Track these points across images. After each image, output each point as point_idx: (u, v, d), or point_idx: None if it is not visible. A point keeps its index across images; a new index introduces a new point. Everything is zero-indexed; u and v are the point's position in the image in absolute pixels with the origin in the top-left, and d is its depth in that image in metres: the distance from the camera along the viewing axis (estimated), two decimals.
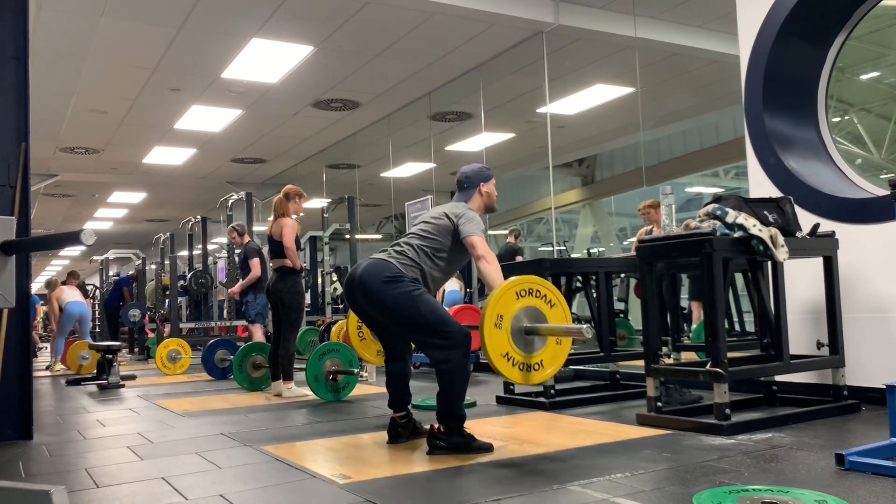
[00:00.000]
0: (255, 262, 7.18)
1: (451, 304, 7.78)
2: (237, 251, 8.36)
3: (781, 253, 3.62)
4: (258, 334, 7.16)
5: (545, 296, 3.12)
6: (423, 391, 5.48)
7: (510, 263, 5.33)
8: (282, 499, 2.59)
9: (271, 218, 5.85)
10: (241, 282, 7.26)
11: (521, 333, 3.03)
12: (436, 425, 3.26)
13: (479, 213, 3.52)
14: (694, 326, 6.41)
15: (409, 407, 3.60)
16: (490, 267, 3.22)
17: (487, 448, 3.23)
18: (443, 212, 3.46)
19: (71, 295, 9.70)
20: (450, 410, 3.23)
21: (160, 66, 7.69)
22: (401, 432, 3.51)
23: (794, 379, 4.19)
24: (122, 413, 5.16)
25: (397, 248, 3.42)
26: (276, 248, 5.60)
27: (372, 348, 4.45)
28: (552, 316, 3.12)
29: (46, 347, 14.38)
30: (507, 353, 2.97)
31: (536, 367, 3.07)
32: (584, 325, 2.96)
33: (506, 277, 3.16)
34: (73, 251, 23.64)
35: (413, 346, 3.75)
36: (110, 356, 6.99)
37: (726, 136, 10.27)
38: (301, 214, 5.94)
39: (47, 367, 9.72)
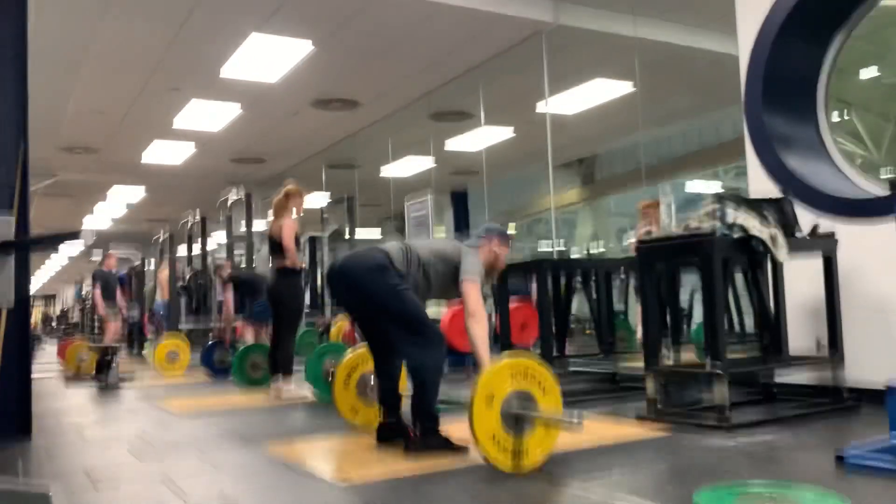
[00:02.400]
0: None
1: None
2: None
3: (782, 253, 3.62)
4: (249, 335, 7.67)
5: (539, 381, 2.92)
6: None
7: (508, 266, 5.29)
8: (281, 499, 2.59)
9: (271, 217, 5.85)
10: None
11: (512, 417, 2.82)
12: (412, 429, 3.24)
13: (480, 262, 3.41)
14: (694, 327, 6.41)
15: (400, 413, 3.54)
16: (479, 329, 3.12)
17: (463, 451, 3.13)
18: (454, 245, 3.43)
19: None
20: (425, 409, 3.21)
21: (160, 66, 7.68)
22: (386, 434, 3.47)
23: (794, 378, 4.18)
24: (122, 413, 5.16)
25: (394, 245, 3.38)
26: (276, 247, 5.60)
27: (347, 402, 4.01)
28: (545, 402, 2.91)
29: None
30: (495, 436, 2.77)
31: (524, 453, 2.83)
32: (576, 421, 2.76)
33: (503, 278, 3.13)
34: (73, 250, 23.63)
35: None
36: (109, 356, 6.99)
37: (726, 136, 10.26)
38: (301, 214, 5.94)
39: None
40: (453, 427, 3.22)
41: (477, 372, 2.99)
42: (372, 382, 3.83)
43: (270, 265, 5.82)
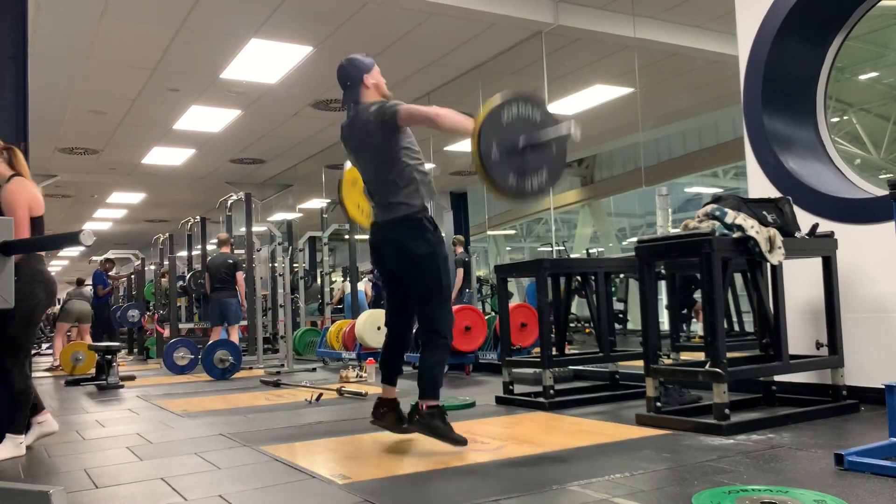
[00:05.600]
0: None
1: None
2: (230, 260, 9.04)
3: (776, 255, 3.62)
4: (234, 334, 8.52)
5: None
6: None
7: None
8: (281, 499, 2.59)
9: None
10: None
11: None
12: (422, 402, 3.27)
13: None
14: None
15: (397, 398, 3.58)
16: (449, 115, 3.13)
17: (462, 441, 3.23)
18: (365, 129, 3.29)
19: None
20: (434, 379, 3.27)
21: (159, 67, 7.69)
22: (385, 413, 3.49)
23: (794, 379, 4.18)
24: (122, 413, 5.16)
25: (390, 188, 3.31)
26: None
27: (353, 200, 4.06)
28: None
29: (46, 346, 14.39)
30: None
31: None
32: (571, 122, 2.92)
33: (503, 279, 3.17)
34: (73, 251, 23.64)
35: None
36: (109, 356, 6.99)
37: (725, 137, 10.28)
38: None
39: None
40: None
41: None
42: None
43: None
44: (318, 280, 11.56)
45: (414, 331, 3.60)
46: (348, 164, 3.96)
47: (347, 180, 3.40)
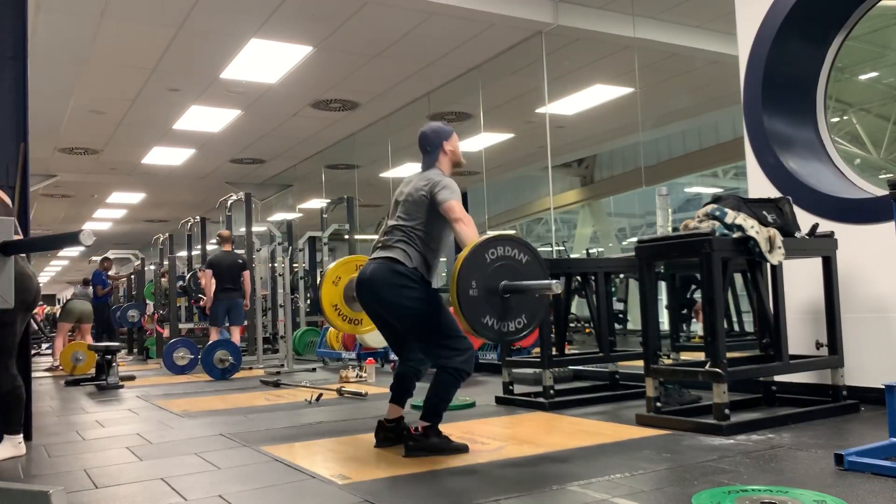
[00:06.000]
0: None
1: None
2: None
3: (776, 256, 3.62)
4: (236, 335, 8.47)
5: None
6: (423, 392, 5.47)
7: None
8: (281, 499, 2.59)
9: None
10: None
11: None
12: (413, 426, 3.25)
13: (448, 173, 3.43)
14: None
15: (404, 412, 3.57)
16: (467, 229, 3.13)
17: (463, 449, 3.22)
18: (417, 187, 3.35)
19: None
20: (437, 411, 3.25)
21: (159, 67, 7.69)
22: (387, 436, 3.47)
23: (794, 379, 4.18)
24: (122, 414, 5.16)
25: (397, 237, 3.33)
26: None
27: (330, 300, 4.15)
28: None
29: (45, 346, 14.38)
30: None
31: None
32: (554, 282, 2.93)
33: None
34: (73, 252, 23.63)
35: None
36: (109, 357, 6.99)
37: (725, 137, 10.27)
38: None
39: None
40: (446, 427, 3.23)
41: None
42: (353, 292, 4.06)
43: None
44: (318, 280, 11.55)
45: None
46: (331, 265, 4.25)
47: (328, 277, 3.67)
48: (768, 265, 3.86)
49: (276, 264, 10.56)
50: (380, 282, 3.25)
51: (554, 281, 2.94)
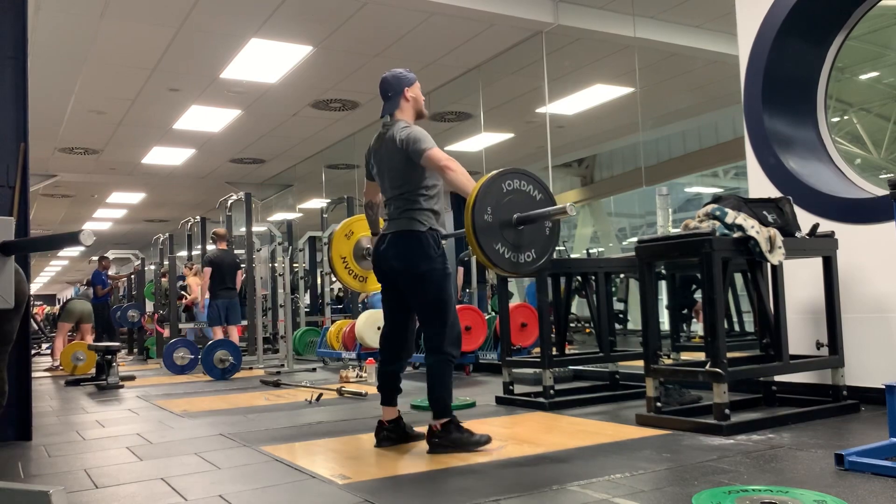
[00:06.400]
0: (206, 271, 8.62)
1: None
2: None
3: (776, 255, 3.62)
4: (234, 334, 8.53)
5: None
6: (423, 392, 5.47)
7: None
8: (281, 499, 2.59)
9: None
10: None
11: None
12: (433, 423, 3.26)
13: (412, 122, 3.43)
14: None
15: (400, 411, 3.57)
16: (456, 173, 3.16)
17: (486, 440, 3.25)
18: (391, 155, 3.38)
19: None
20: (445, 404, 3.28)
21: (159, 67, 7.69)
22: (387, 435, 3.48)
23: (794, 379, 4.18)
24: (122, 413, 5.16)
25: (401, 206, 3.37)
26: None
27: (339, 252, 4.34)
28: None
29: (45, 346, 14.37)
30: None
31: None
32: (569, 205, 3.02)
33: (504, 279, 3.19)
34: (73, 252, 23.63)
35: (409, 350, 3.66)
36: (109, 356, 6.99)
37: (726, 136, 10.27)
38: None
39: None
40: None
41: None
42: (365, 250, 4.11)
43: None
44: (318, 280, 11.55)
45: (408, 353, 3.60)
46: (335, 228, 4.23)
47: (342, 230, 3.71)
48: (769, 265, 3.86)
49: (276, 264, 10.56)
50: (399, 250, 3.33)
51: (568, 203, 3.01)
